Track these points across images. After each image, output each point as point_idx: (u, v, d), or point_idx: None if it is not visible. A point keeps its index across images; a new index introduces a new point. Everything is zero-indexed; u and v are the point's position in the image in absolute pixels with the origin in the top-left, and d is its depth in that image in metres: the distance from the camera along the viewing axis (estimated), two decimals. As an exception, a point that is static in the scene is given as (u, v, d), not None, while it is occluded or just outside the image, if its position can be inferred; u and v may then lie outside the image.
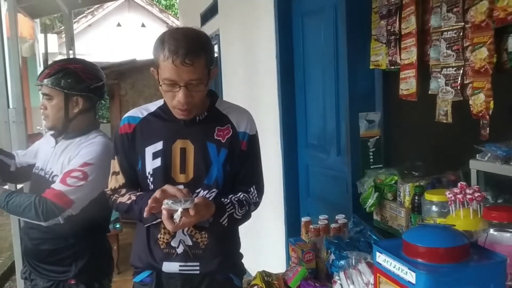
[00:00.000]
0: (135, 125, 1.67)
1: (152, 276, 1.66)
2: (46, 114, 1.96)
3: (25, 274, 2.09)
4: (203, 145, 1.62)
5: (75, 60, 2.00)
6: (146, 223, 1.63)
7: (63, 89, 1.90)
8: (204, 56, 1.51)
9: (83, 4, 7.57)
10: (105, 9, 13.68)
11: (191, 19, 6.29)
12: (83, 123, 1.98)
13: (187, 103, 1.53)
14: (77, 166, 1.85)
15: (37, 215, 1.78)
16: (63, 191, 1.80)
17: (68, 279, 1.96)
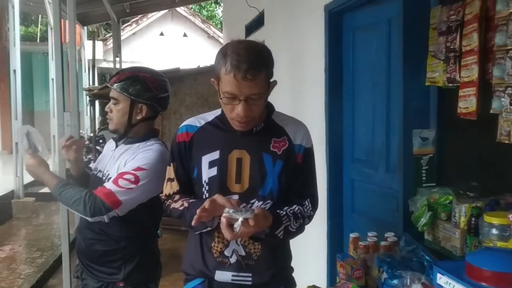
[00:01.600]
0: (193, 134, 1.70)
1: (204, 284, 1.67)
2: (110, 116, 2.02)
3: (77, 273, 2.14)
4: (259, 156, 1.63)
5: (145, 69, 2.05)
6: (196, 230, 1.65)
7: (130, 95, 1.96)
8: (265, 71, 1.53)
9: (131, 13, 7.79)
10: (149, 19, 14.04)
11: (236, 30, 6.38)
12: (144, 130, 2.04)
13: (246, 116, 1.54)
14: (130, 169, 1.90)
15: (84, 209, 1.83)
16: (113, 191, 1.84)
17: (117, 282, 2.00)
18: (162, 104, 2.06)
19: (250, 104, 1.52)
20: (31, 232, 6.49)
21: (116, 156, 2.03)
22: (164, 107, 2.09)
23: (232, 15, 6.86)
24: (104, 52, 13.45)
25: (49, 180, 1.96)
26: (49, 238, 6.24)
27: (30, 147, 2.03)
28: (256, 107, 1.55)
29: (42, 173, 1.97)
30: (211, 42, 14.78)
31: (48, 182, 1.96)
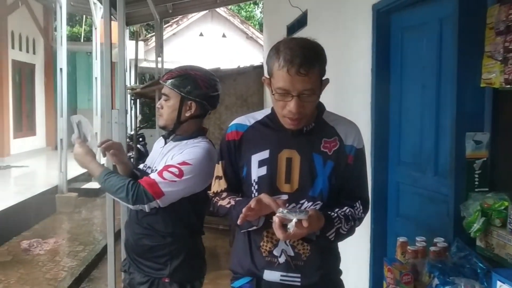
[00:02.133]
0: (243, 133, 1.70)
1: (252, 283, 1.66)
2: (161, 113, 2.06)
3: (125, 267, 2.19)
4: (310, 156, 1.61)
5: (197, 68, 2.08)
6: (242, 229, 1.65)
7: (180, 92, 1.99)
8: (318, 67, 1.51)
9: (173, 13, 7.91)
10: (189, 19, 14.21)
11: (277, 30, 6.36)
12: (192, 128, 2.06)
13: (298, 113, 1.53)
14: (176, 163, 1.93)
15: (127, 197, 1.87)
16: (157, 182, 1.88)
17: (162, 277, 2.03)
18: (212, 103, 2.07)
19: (303, 100, 1.51)
20: (73, 226, 6.68)
21: (164, 153, 2.07)
22: (214, 106, 2.10)
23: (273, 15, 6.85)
24: (145, 52, 13.70)
25: (94, 168, 2.01)
26: (91, 233, 6.41)
27: (79, 136, 2.09)
28: (308, 104, 1.54)
29: (88, 162, 2.03)
30: (249, 43, 14.83)
31: (93, 170, 2.01)
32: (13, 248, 5.55)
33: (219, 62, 10.05)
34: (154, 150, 2.21)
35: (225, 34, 14.63)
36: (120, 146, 2.16)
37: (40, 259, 5.20)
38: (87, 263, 5.06)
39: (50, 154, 12.23)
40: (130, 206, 1.91)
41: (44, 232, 6.26)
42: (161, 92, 2.13)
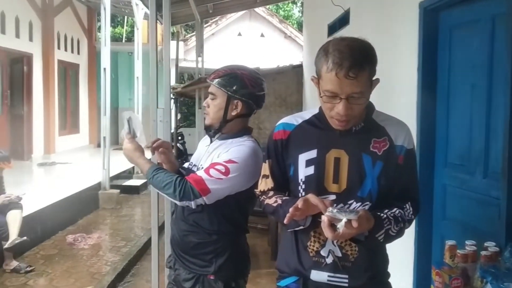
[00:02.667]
0: (290, 132, 1.70)
1: (298, 282, 1.66)
2: (207, 111, 2.09)
3: (170, 263, 2.22)
4: (358, 156, 1.60)
5: (244, 67, 2.09)
6: (288, 228, 1.65)
7: (227, 91, 2.01)
8: (368, 69, 1.49)
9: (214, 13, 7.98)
10: (228, 19, 14.32)
11: (317, 29, 6.33)
12: (238, 126, 2.07)
13: (346, 115, 1.51)
14: (222, 160, 1.94)
15: (174, 193, 1.90)
16: (204, 179, 1.90)
17: (207, 274, 2.05)
18: (257, 102, 2.08)
19: (351, 103, 1.49)
20: (115, 222, 6.85)
21: (210, 151, 2.08)
22: (259, 106, 2.11)
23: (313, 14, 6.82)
24: (184, 52, 13.89)
25: (143, 164, 2.04)
26: (132, 229, 6.56)
27: (129, 131, 2.13)
28: (357, 106, 1.52)
29: (137, 157, 2.06)
30: (288, 42, 14.80)
31: (142, 166, 2.04)
32: (59, 242, 5.74)
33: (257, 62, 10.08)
34: (199, 148, 2.23)
35: (263, 33, 14.65)
36: (169, 145, 2.20)
37: (84, 253, 5.36)
38: (129, 258, 5.17)
39: (92, 152, 12.59)
40: (177, 202, 1.94)
41: (88, 227, 6.45)
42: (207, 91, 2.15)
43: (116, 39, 16.34)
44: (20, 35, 9.70)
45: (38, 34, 10.43)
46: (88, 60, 13.44)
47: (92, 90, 13.60)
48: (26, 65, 10.09)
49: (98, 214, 7.32)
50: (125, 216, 7.24)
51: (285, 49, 14.31)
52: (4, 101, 9.57)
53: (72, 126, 12.55)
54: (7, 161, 4.73)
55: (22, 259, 4.86)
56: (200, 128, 8.22)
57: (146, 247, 5.82)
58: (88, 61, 13.44)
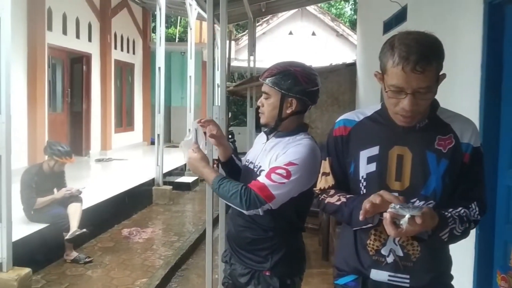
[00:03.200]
0: (351, 128, 1.68)
1: (357, 281, 1.64)
2: (262, 111, 2.08)
3: (226, 257, 2.25)
4: (423, 154, 1.55)
5: (296, 64, 2.06)
6: (355, 226, 1.61)
7: (281, 89, 1.99)
8: (435, 63, 1.44)
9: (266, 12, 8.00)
10: (279, 18, 14.32)
11: (372, 27, 6.21)
12: (293, 124, 2.06)
13: (412, 111, 1.47)
14: (282, 164, 1.92)
15: (241, 203, 1.89)
16: (267, 185, 1.88)
17: (263, 270, 2.04)
18: (312, 98, 2.05)
19: (417, 98, 1.45)
20: (168, 218, 7.01)
21: (267, 149, 2.08)
22: (314, 101, 2.08)
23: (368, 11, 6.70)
24: (235, 51, 14.02)
25: (208, 174, 2.03)
26: (184, 225, 6.70)
27: (196, 142, 2.13)
28: (423, 102, 1.48)
29: (202, 167, 2.04)
30: (340, 41, 14.63)
31: (207, 175, 2.03)
32: (115, 235, 5.94)
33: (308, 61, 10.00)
34: (256, 145, 2.23)
35: (315, 32, 14.55)
36: (218, 126, 2.20)
37: (138, 246, 5.52)
38: (181, 253, 5.28)
39: (146, 149, 12.96)
40: (244, 211, 1.93)
41: (142, 222, 6.65)
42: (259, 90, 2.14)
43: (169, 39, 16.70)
44: (80, 35, 10.12)
45: (97, 34, 10.85)
46: (142, 60, 13.84)
47: (146, 89, 14.01)
48: (85, 64, 10.52)
49: (151, 209, 7.53)
50: (177, 212, 7.41)
51: (337, 47, 14.15)
52: (65, 99, 10.02)
53: (127, 124, 12.97)
54: (69, 156, 4.95)
55: (81, 250, 5.07)
56: (252, 127, 8.27)
57: (197, 242, 5.93)
58: (142, 60, 13.84)
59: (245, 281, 2.09)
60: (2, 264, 3.86)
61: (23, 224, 4.66)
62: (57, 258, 4.82)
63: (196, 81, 10.54)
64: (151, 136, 13.98)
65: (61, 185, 5.07)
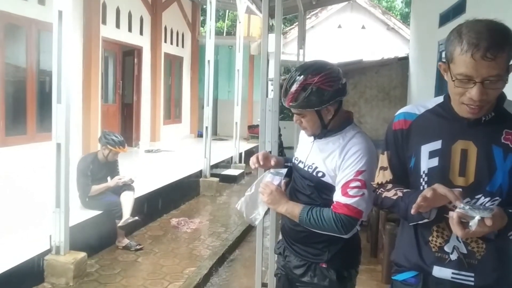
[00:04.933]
0: (412, 122, 1.63)
1: (418, 277, 1.60)
2: (303, 126, 2.04)
3: (279, 249, 2.25)
4: (488, 148, 1.49)
5: (312, 72, 1.94)
6: (410, 221, 1.58)
7: (312, 108, 1.94)
8: (507, 50, 1.38)
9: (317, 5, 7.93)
10: (328, 11, 14.15)
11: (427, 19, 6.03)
12: (338, 122, 2.02)
13: (480, 101, 1.42)
14: (352, 176, 1.89)
15: (338, 230, 1.90)
16: (351, 204, 1.87)
17: (320, 263, 2.04)
18: (343, 92, 1.99)
19: (486, 87, 1.39)
20: (215, 209, 7.10)
21: (319, 148, 2.03)
22: (345, 93, 2.01)
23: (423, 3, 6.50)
24: (282, 45, 13.97)
25: (293, 207, 2.00)
26: (231, 216, 6.77)
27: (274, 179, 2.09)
28: (492, 91, 1.41)
29: (285, 202, 2.02)
30: (390, 34, 14.30)
31: (292, 210, 2.00)
32: (164, 224, 6.08)
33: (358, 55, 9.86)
34: (303, 144, 2.19)
35: (365, 25, 14.28)
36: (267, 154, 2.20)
37: (186, 236, 5.63)
38: (228, 244, 5.35)
39: (193, 141, 13.19)
40: (344, 236, 1.93)
41: (189, 212, 6.77)
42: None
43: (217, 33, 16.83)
44: (132, 29, 10.38)
45: (148, 28, 11.10)
46: (191, 53, 14.05)
47: (194, 82, 14.22)
48: (136, 57, 10.80)
49: (199, 200, 7.65)
50: (224, 204, 7.49)
51: (387, 41, 13.83)
52: (117, 91, 10.32)
53: (175, 116, 13.23)
54: (123, 146, 5.10)
55: (132, 238, 5.22)
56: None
57: (243, 235, 5.99)
58: (191, 54, 14.05)
59: (300, 273, 2.09)
60: (60, 247, 4.04)
61: (78, 211, 4.84)
62: (109, 244, 4.99)
63: (243, 74, 10.59)
64: (198, 129, 14.21)
65: (115, 174, 5.24)
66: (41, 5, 7.33)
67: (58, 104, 3.97)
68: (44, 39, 7.42)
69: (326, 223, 1.90)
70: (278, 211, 2.06)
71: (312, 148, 2.08)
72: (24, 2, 7.00)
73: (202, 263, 4.70)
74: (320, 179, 1.99)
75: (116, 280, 4.18)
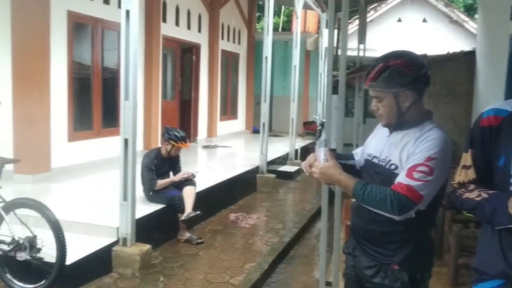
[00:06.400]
0: (503, 118, 1.55)
1: (505, 286, 1.52)
2: (380, 114, 2.00)
3: (348, 249, 2.21)
4: None
5: (394, 55, 1.94)
6: (497, 225, 1.48)
7: (390, 89, 1.90)
8: None
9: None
10: (388, 4, 13.79)
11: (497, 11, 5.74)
12: (416, 113, 1.96)
13: None
14: (421, 160, 1.83)
15: (392, 208, 1.82)
16: (413, 186, 1.81)
17: (391, 264, 1.98)
18: (425, 82, 1.93)
19: None
20: (272, 205, 7.12)
21: (395, 142, 1.99)
22: (427, 83, 1.95)
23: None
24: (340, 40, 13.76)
25: (346, 180, 1.96)
26: (288, 213, 6.77)
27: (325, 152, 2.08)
28: None
29: (339, 174, 1.97)
30: (453, 28, 13.73)
31: (346, 183, 1.96)
32: (223, 219, 6.17)
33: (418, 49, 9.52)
34: (376, 139, 2.14)
35: (426, 18, 13.79)
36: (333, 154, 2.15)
37: (245, 231, 5.68)
38: (288, 241, 5.35)
39: (248, 137, 13.27)
40: (395, 216, 1.86)
41: (247, 208, 6.82)
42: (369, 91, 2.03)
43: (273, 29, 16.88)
44: (191, 26, 10.57)
45: (206, 25, 11.27)
46: (247, 50, 14.13)
47: (250, 78, 14.30)
48: (194, 54, 10.99)
49: (255, 196, 7.70)
50: (280, 200, 7.50)
51: (450, 35, 13.29)
52: (175, 88, 10.55)
53: (231, 112, 13.37)
54: (185, 141, 5.21)
55: (193, 232, 5.32)
56: (359, 118, 8.08)
57: (301, 232, 5.96)
58: (247, 50, 14.13)
59: (371, 274, 2.04)
60: (126, 239, 4.19)
61: (143, 204, 5.00)
62: (172, 237, 5.12)
63: (300, 70, 10.53)
64: (253, 125, 14.28)
65: (177, 169, 5.36)
66: (106, 5, 7.60)
67: (125, 101, 4.10)
68: (108, 38, 7.70)
69: (380, 199, 1.84)
70: (331, 182, 2.02)
71: (387, 142, 2.04)
72: (91, 2, 7.28)
73: (262, 259, 4.72)
74: (393, 171, 1.94)
75: (179, 272, 4.28)
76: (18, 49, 6.05)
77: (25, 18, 6.01)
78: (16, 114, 6.13)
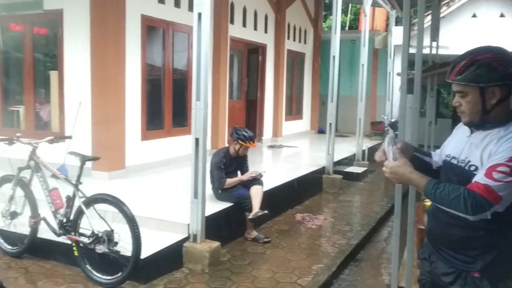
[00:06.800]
0: None
1: None
2: (461, 110, 1.91)
3: (424, 254, 2.14)
4: None
5: (482, 50, 1.85)
6: None
7: (477, 83, 1.81)
8: None
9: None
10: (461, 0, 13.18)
11: None
12: (501, 113, 1.85)
13: None
14: (503, 160, 1.74)
15: (465, 207, 1.74)
16: (491, 186, 1.71)
17: (471, 271, 1.89)
18: None
19: None
20: (338, 207, 7.03)
21: (475, 143, 1.90)
22: None
23: None
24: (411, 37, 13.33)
25: (417, 179, 1.89)
26: (355, 215, 6.66)
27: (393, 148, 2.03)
28: None
29: (410, 173, 1.90)
30: (534, 22, 12.87)
31: (417, 181, 1.89)
32: (289, 219, 6.17)
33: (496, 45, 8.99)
34: (456, 139, 2.06)
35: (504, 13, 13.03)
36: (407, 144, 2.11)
37: (312, 232, 5.65)
38: (356, 243, 5.26)
39: (313, 138, 13.20)
40: (469, 217, 1.77)
41: (313, 208, 6.78)
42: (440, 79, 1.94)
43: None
44: (258, 27, 10.66)
45: (272, 26, 11.33)
46: (313, 49, 14.04)
47: (315, 78, 14.21)
48: (260, 55, 11.09)
49: (321, 197, 7.63)
50: (347, 202, 7.38)
51: (531, 30, 12.46)
52: (242, 88, 10.70)
53: (296, 112, 13.35)
54: (253, 141, 5.27)
55: (259, 231, 5.36)
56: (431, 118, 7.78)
57: (369, 235, 5.83)
58: (313, 50, 14.04)
59: (449, 281, 1.96)
60: (196, 236, 4.30)
61: (211, 202, 5.11)
62: (239, 235, 5.20)
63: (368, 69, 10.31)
64: (318, 125, 14.18)
65: (244, 168, 5.44)
66: (177, 8, 7.84)
67: (197, 101, 4.21)
68: (178, 40, 7.95)
69: (454, 198, 1.75)
70: (402, 181, 1.95)
71: (467, 142, 1.95)
72: (163, 6, 7.54)
73: (330, 260, 4.67)
74: (472, 173, 1.85)
75: (247, 270, 4.34)
76: (97, 53, 6.39)
77: (103, 23, 6.35)
78: (95, 114, 6.49)
